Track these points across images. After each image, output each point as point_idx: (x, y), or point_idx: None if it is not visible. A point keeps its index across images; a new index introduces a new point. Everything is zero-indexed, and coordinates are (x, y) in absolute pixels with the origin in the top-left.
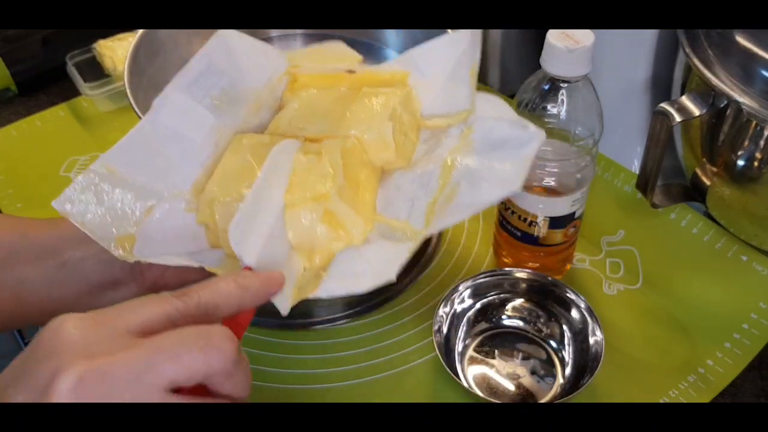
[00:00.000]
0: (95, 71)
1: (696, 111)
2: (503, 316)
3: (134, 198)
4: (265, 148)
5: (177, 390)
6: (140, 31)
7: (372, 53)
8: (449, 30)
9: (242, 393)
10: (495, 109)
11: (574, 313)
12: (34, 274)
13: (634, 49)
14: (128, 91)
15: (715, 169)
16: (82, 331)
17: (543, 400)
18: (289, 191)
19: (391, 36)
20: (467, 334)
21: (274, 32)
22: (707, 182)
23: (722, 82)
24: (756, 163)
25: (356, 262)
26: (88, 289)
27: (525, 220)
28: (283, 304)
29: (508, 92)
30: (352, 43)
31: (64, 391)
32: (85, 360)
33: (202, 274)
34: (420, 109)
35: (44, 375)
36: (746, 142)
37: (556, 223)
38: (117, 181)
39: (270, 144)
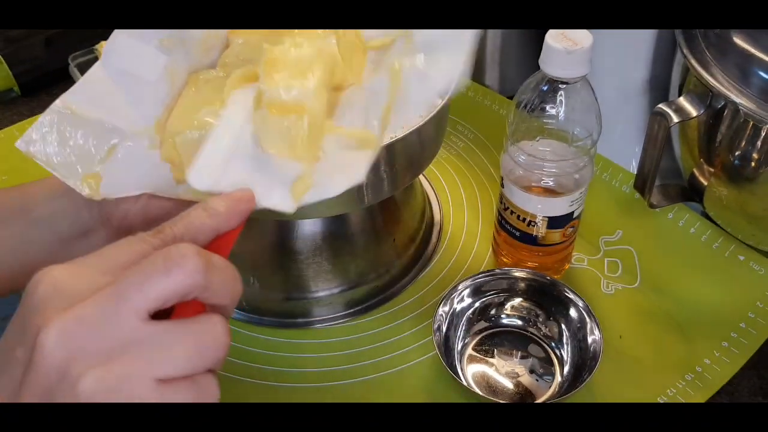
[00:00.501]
0: None
1: (693, 112)
2: (502, 316)
3: (97, 136)
4: (220, 80)
5: (159, 314)
6: None
7: None
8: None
9: (227, 300)
10: None
11: (573, 313)
12: (7, 235)
13: (632, 50)
14: None
15: (712, 170)
16: (63, 281)
17: (541, 399)
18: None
19: None
20: (466, 333)
21: None
22: (704, 182)
23: (719, 83)
24: (753, 164)
25: (325, 171)
26: (60, 242)
27: (524, 219)
28: (286, 206)
29: (507, 93)
30: None
31: (48, 346)
32: (63, 311)
33: (164, 211)
34: (362, 32)
35: (31, 333)
36: (743, 143)
37: (554, 223)
38: (78, 121)
39: (225, 77)
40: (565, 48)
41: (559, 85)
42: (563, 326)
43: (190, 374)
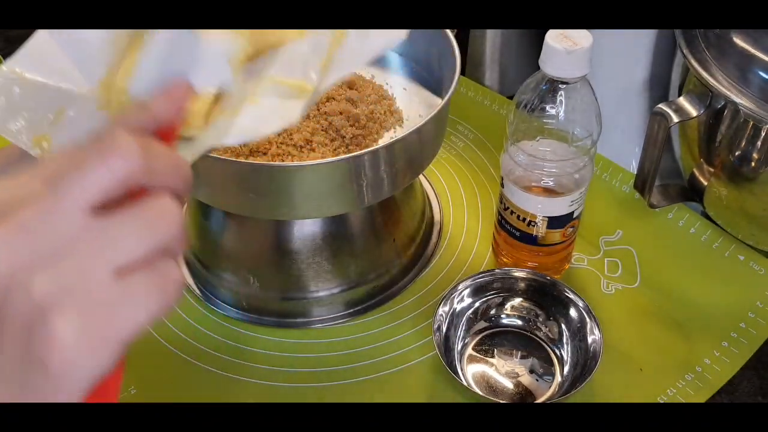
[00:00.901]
0: None
1: (693, 112)
2: (502, 315)
3: (45, 99)
4: None
5: (107, 205)
6: None
7: None
8: (448, 30)
9: (175, 182)
10: None
11: (573, 313)
12: None
13: (632, 50)
14: None
15: (712, 170)
16: None
17: (541, 399)
18: None
19: None
20: (466, 333)
21: None
22: (704, 182)
23: (719, 83)
24: (753, 164)
25: (261, 113)
26: None
27: (524, 219)
28: (225, 78)
29: (507, 93)
30: None
31: None
32: (0, 222)
33: None
34: None
35: None
36: (743, 143)
37: (554, 222)
38: (25, 84)
39: None
40: (565, 48)
41: (559, 85)
42: (563, 326)
43: (145, 257)
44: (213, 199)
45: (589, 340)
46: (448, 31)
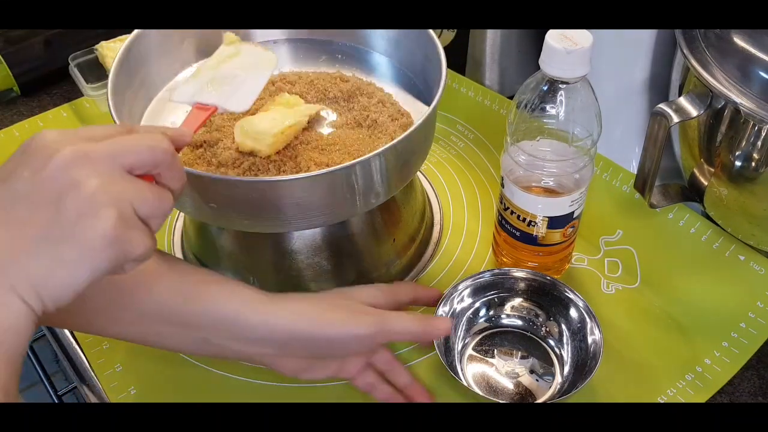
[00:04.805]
0: (97, 72)
1: (693, 112)
2: (502, 316)
3: None
4: None
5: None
6: (132, 33)
7: (359, 57)
8: (431, 31)
9: (178, 184)
10: None
11: (573, 313)
12: None
13: (632, 50)
14: (109, 96)
15: (712, 170)
16: (60, 132)
17: (542, 399)
18: None
19: (378, 39)
20: (467, 333)
21: (258, 37)
22: (705, 182)
23: (720, 83)
24: (753, 164)
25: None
26: None
27: (524, 220)
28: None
29: (507, 93)
30: (340, 48)
31: (58, 166)
32: (72, 146)
33: None
34: None
35: (41, 158)
36: (743, 143)
37: (554, 222)
38: None
39: None
40: (565, 48)
41: (559, 85)
42: (563, 326)
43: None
44: (212, 219)
45: (589, 340)
46: (432, 32)
